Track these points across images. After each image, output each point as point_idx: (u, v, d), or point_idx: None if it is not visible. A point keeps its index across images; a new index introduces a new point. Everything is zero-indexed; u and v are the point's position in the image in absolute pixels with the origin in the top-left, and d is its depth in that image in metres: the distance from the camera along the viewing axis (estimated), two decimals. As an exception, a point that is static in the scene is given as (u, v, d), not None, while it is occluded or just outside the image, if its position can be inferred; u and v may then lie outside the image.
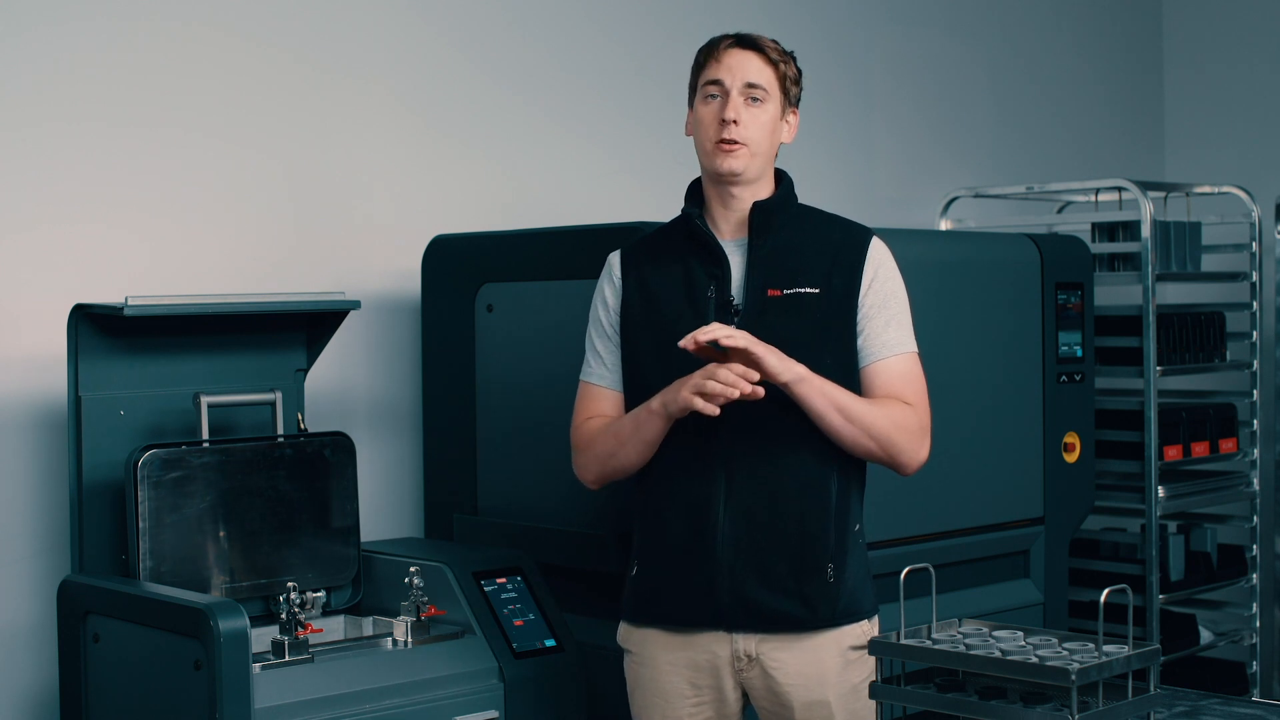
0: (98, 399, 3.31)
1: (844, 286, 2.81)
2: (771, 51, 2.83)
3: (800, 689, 2.79)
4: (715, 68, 2.82)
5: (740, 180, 2.82)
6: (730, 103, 2.79)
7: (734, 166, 2.80)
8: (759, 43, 2.84)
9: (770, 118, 2.82)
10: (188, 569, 3.26)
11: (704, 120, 2.83)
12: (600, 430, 2.88)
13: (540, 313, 3.67)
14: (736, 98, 2.80)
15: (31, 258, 3.53)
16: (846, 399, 2.74)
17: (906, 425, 2.78)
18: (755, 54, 2.82)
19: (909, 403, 2.81)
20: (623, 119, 4.56)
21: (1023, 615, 4.01)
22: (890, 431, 2.76)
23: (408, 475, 4.13)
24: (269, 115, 3.89)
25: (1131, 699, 2.34)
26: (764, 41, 2.84)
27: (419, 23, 4.18)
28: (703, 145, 2.84)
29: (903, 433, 2.78)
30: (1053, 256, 4.17)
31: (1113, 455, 4.74)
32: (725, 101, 2.80)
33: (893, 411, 2.78)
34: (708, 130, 2.82)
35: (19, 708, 3.52)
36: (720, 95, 2.81)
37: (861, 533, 2.88)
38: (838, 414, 2.73)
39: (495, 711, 3.21)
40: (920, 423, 2.81)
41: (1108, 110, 5.98)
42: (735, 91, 2.80)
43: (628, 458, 2.83)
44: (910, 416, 2.79)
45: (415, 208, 4.14)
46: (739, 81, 2.80)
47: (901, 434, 2.78)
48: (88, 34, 3.61)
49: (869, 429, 2.75)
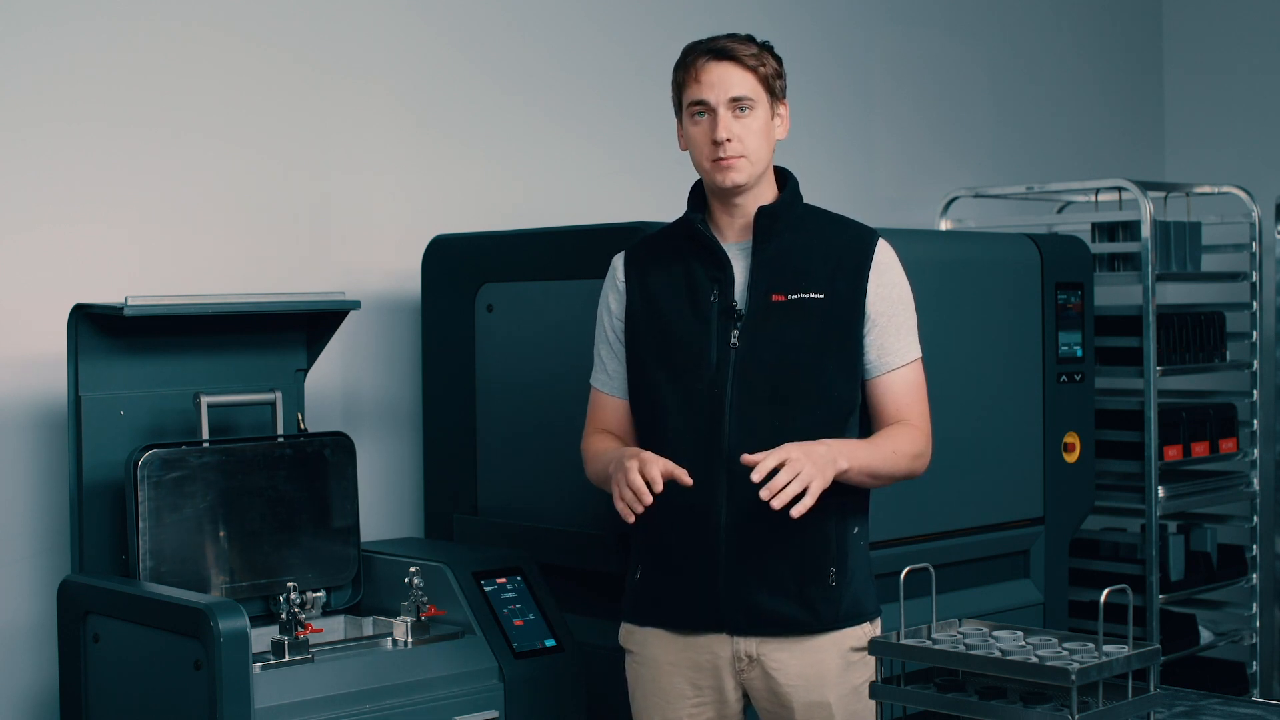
0: (98, 399, 3.31)
1: (849, 291, 2.81)
2: (747, 58, 2.78)
3: (801, 690, 2.79)
4: (696, 88, 2.78)
5: (744, 189, 2.82)
6: (720, 122, 2.76)
7: (736, 180, 2.79)
8: (733, 51, 2.78)
9: (761, 123, 2.80)
10: (188, 569, 3.26)
11: (696, 141, 2.81)
12: (592, 457, 2.90)
13: (540, 313, 3.67)
14: (724, 114, 2.76)
15: (31, 258, 3.53)
16: (875, 461, 2.76)
17: (919, 453, 2.84)
18: (733, 64, 2.77)
19: (914, 422, 2.84)
20: (623, 119, 4.56)
21: (1023, 615, 4.01)
22: (909, 468, 2.83)
23: (408, 475, 4.13)
24: (269, 115, 3.89)
25: (1131, 699, 2.34)
26: (737, 48, 2.78)
27: (419, 23, 4.18)
28: (700, 164, 2.82)
29: (918, 460, 2.84)
30: (1053, 256, 4.17)
31: (1113, 455, 4.74)
32: (714, 120, 2.77)
33: (905, 445, 2.81)
34: (702, 150, 2.80)
35: (19, 708, 3.52)
36: (707, 114, 2.78)
37: (862, 534, 2.88)
38: (870, 479, 2.79)
39: (495, 711, 3.21)
40: (926, 439, 2.85)
41: (1108, 110, 5.98)
42: (722, 108, 2.76)
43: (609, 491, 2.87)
44: (919, 440, 2.83)
45: (415, 208, 4.14)
46: (723, 97, 2.76)
47: (917, 463, 2.84)
48: (88, 34, 3.61)
49: (893, 477, 2.82)
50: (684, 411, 2.79)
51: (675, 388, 2.81)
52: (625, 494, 2.65)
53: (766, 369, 2.77)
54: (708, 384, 2.78)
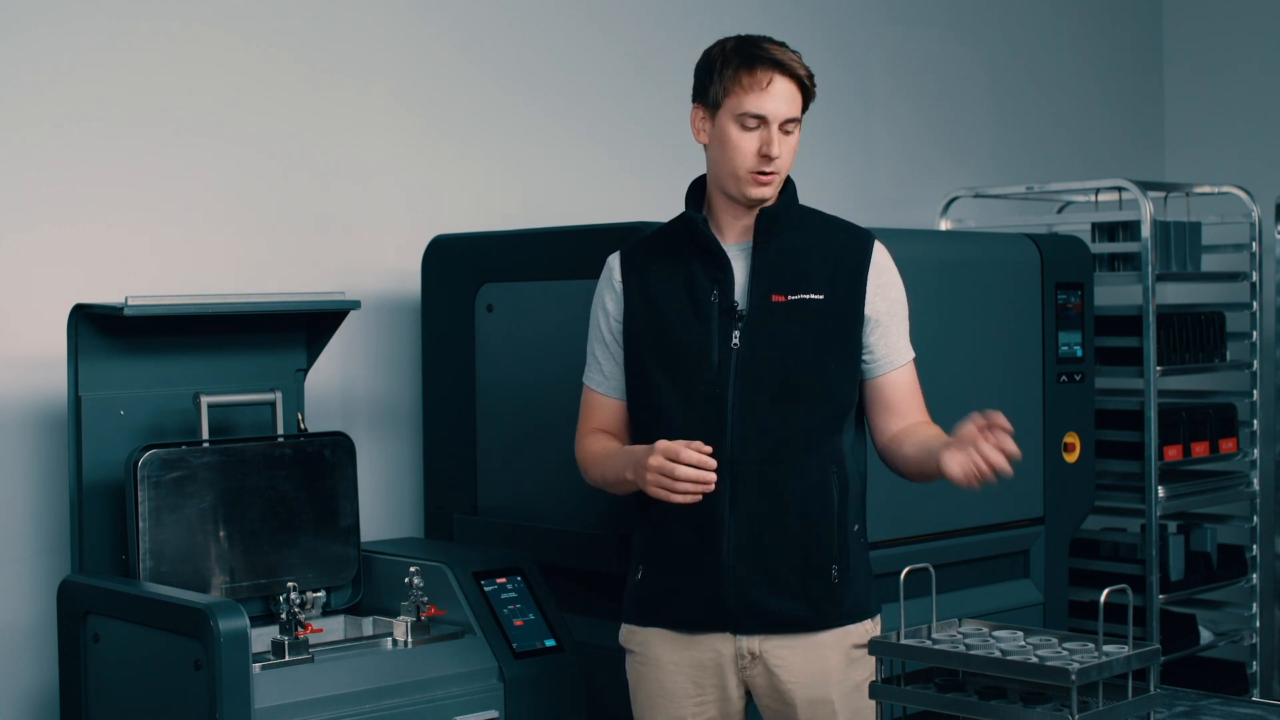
0: (98, 399, 3.31)
1: (848, 293, 2.82)
2: (807, 80, 2.79)
3: (803, 687, 2.80)
4: (760, 99, 2.75)
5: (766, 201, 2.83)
6: (774, 139, 2.75)
7: (767, 195, 2.80)
8: (799, 73, 2.78)
9: (797, 140, 2.82)
10: (188, 569, 3.26)
11: (741, 149, 2.77)
12: (593, 459, 2.90)
13: (540, 313, 3.67)
14: (777, 132, 2.76)
15: (31, 258, 3.53)
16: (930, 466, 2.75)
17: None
18: (796, 85, 2.77)
19: (927, 419, 2.86)
20: (623, 119, 4.56)
21: (1023, 615, 4.01)
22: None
23: (408, 475, 4.13)
24: (269, 115, 3.89)
25: (1131, 699, 2.34)
26: (802, 70, 2.79)
27: (419, 23, 4.18)
28: (734, 171, 2.79)
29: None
30: (1053, 256, 4.17)
31: (1113, 455, 4.74)
32: (768, 135, 2.76)
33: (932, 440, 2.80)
34: (745, 160, 2.77)
35: (19, 708, 3.52)
36: (761, 127, 2.77)
37: (862, 533, 2.88)
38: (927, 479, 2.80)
39: (495, 711, 3.21)
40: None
41: (1108, 110, 5.98)
42: (775, 125, 2.76)
43: (619, 493, 2.88)
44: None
45: (415, 208, 4.14)
46: (782, 116, 2.76)
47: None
48: (88, 34, 3.61)
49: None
50: (684, 412, 2.79)
51: (675, 388, 2.81)
52: (680, 486, 2.65)
53: (768, 369, 2.77)
54: (709, 384, 2.78)
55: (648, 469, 2.67)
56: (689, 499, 2.67)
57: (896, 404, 2.85)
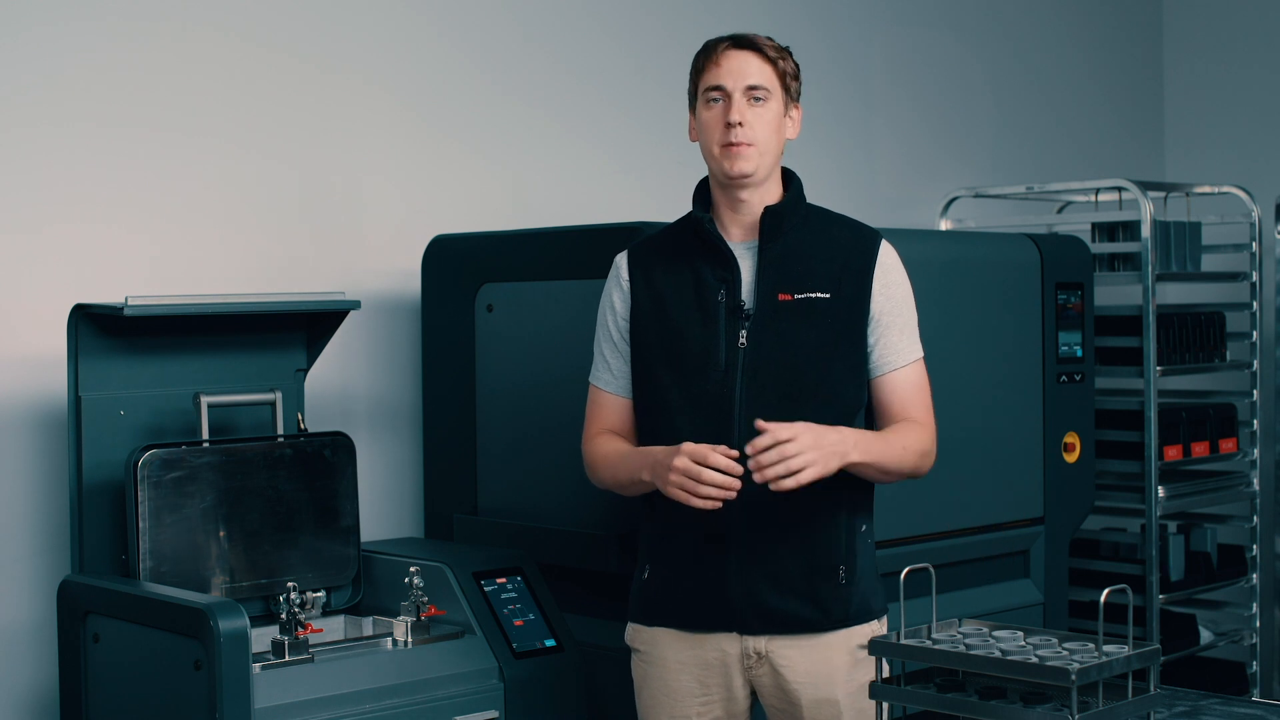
0: (98, 399, 3.31)
1: (854, 292, 2.82)
2: (769, 50, 2.83)
3: (809, 687, 2.80)
4: (715, 72, 2.81)
5: (750, 181, 2.82)
6: (734, 105, 2.79)
7: (744, 168, 2.80)
8: (755, 42, 2.83)
9: (774, 115, 2.82)
10: (188, 569, 3.26)
11: (708, 125, 2.82)
12: (604, 460, 2.89)
13: (540, 313, 3.67)
14: (740, 100, 2.79)
15: (31, 258, 3.53)
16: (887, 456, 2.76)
17: (927, 450, 2.85)
18: (753, 54, 2.81)
19: (921, 419, 2.85)
20: (623, 119, 4.56)
21: (1023, 615, 4.01)
22: (916, 465, 2.83)
23: (408, 475, 4.13)
24: (269, 115, 3.90)
25: (1131, 699, 2.34)
26: (760, 40, 2.84)
27: (419, 23, 4.18)
28: (709, 150, 2.83)
29: (925, 459, 2.85)
30: (1053, 256, 4.17)
31: (1113, 455, 4.74)
32: (728, 105, 2.79)
33: (914, 443, 2.82)
34: (713, 134, 2.81)
35: (19, 708, 3.52)
36: (723, 99, 2.80)
37: (869, 532, 2.89)
38: (880, 474, 2.79)
39: (495, 711, 3.21)
40: (932, 438, 2.87)
41: (1108, 110, 5.98)
42: (738, 94, 2.79)
43: (629, 494, 2.88)
44: (926, 439, 2.84)
45: (415, 208, 4.14)
46: (740, 84, 2.79)
47: (924, 461, 2.85)
48: (88, 34, 3.61)
49: (900, 473, 2.82)
50: (691, 411, 2.79)
51: (682, 388, 2.81)
52: (705, 490, 2.64)
53: (776, 368, 2.77)
54: (716, 384, 2.78)
55: (671, 470, 2.66)
56: (710, 505, 2.66)
57: (894, 405, 2.85)
